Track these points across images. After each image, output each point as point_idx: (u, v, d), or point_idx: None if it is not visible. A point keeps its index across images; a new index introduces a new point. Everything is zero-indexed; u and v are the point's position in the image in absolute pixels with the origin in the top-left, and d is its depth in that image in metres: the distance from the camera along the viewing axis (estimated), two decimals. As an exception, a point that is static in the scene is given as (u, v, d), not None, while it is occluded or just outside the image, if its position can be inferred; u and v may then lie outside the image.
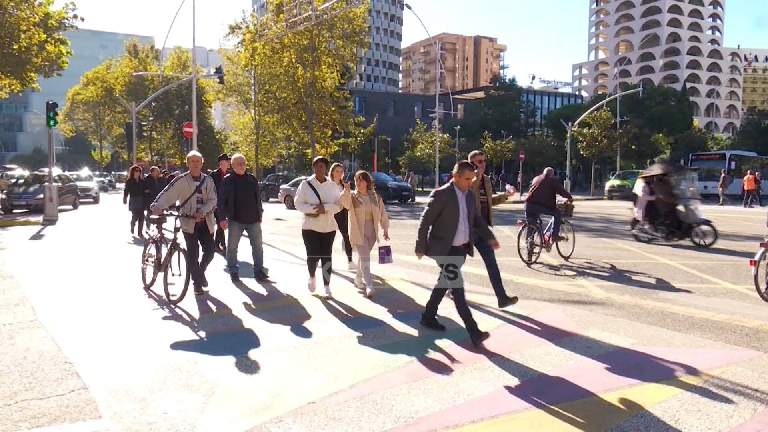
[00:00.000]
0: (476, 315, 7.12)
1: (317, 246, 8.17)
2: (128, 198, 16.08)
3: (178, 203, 8.06)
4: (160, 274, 8.02)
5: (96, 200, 32.61)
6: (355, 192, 8.29)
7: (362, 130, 50.12)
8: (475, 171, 6.46)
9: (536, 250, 11.31)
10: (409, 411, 4.30)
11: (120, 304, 7.77)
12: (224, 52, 46.99)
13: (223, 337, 6.24)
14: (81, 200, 29.66)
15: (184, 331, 6.42)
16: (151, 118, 53.11)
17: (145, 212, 15.11)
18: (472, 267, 9.26)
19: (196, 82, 30.66)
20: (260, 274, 9.41)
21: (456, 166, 6.13)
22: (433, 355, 5.60)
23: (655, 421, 4.12)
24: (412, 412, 4.28)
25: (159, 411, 4.27)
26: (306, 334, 6.31)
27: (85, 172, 38.11)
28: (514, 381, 4.93)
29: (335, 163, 9.32)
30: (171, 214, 8.01)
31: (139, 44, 62.23)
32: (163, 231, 8.20)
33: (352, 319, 6.95)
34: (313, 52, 36.41)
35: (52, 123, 21.47)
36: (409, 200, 33.42)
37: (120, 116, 60.23)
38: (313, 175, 8.18)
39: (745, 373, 5.12)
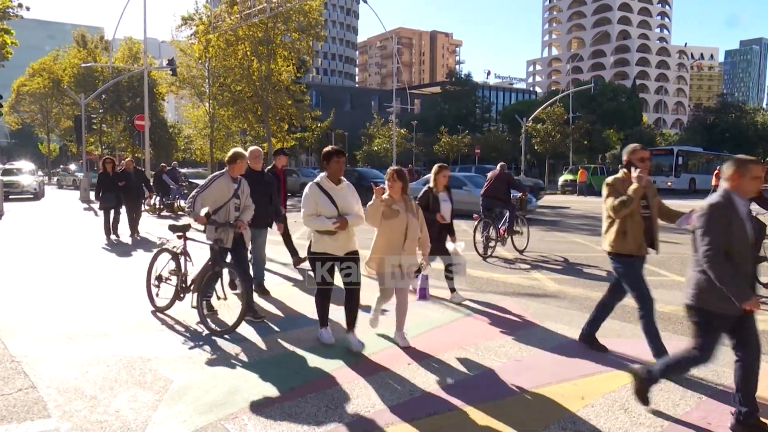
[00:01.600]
0: (434, 308, 7.19)
1: (331, 274, 5.56)
2: (101, 194, 13.87)
3: (207, 210, 6.36)
4: (176, 296, 6.83)
5: (36, 197, 30.12)
6: (386, 197, 5.64)
7: (319, 125, 49.78)
8: (638, 172, 4.96)
9: (492, 243, 11.47)
10: (366, 405, 4.31)
11: (70, 301, 7.57)
12: (177, 43, 46.06)
13: (178, 334, 6.14)
14: (18, 196, 28.49)
15: (137, 329, 6.30)
16: (101, 111, 51.62)
17: (123, 209, 14.08)
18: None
19: (148, 74, 30.02)
20: (260, 288, 7.98)
21: (733, 163, 3.92)
22: (390, 350, 5.62)
23: (606, 410, 4.23)
24: (369, 406, 4.29)
25: (111, 409, 4.19)
26: (263, 330, 6.26)
27: (27, 165, 35.36)
28: (469, 374, 4.99)
29: (439, 164, 7.99)
30: (216, 223, 6.38)
31: (88, 35, 60.30)
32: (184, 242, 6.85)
33: (309, 314, 6.91)
34: (269, 45, 36.01)
35: (-4, 115, 20.76)
36: None
37: (68, 108, 58.42)
38: (324, 174, 5.59)
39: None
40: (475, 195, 14.27)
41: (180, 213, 20.52)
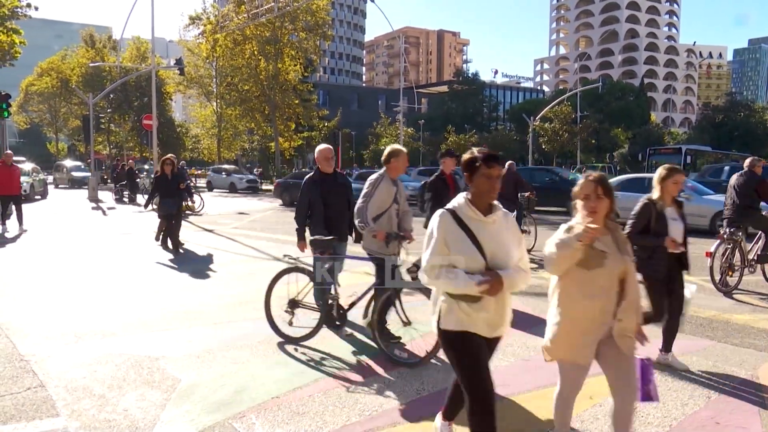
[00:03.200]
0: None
1: (478, 361, 3.13)
2: (155, 199, 12.28)
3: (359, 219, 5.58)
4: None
5: (28, 198, 29.67)
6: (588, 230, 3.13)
7: (326, 124, 49.88)
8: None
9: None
10: (373, 404, 4.31)
11: (78, 300, 7.59)
12: (185, 43, 46.28)
13: (186, 333, 6.15)
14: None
15: (145, 328, 6.31)
16: (109, 111, 51.86)
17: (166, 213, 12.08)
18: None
19: (156, 74, 30.09)
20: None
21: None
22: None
23: (614, 410, 4.21)
24: (377, 406, 4.29)
25: (119, 408, 4.20)
26: (270, 329, 6.26)
27: (27, 165, 34.45)
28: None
29: (668, 166, 5.13)
30: (400, 236, 5.60)
31: (96, 34, 60.59)
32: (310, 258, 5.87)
33: (316, 314, 6.90)
34: (276, 45, 36.13)
35: (5, 115, 20.91)
36: None
37: (77, 108, 58.67)
38: (464, 196, 3.19)
39: (700, 362, 5.27)
40: None
41: (188, 212, 20.55)
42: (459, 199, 3.17)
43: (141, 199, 27.19)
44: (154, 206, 12.62)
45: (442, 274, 3.04)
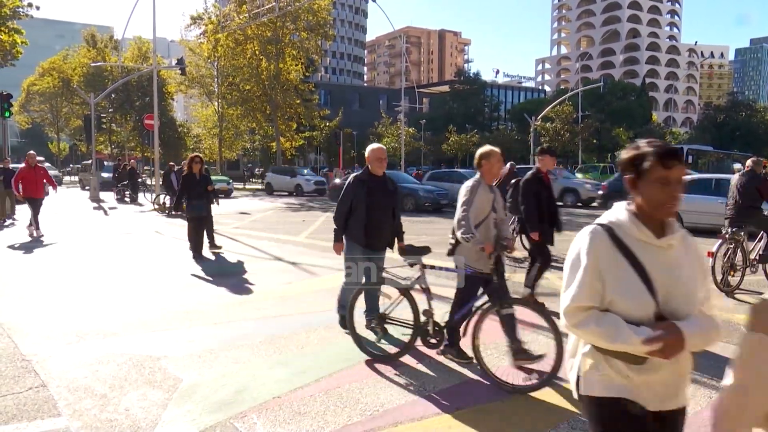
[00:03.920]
0: (442, 307, 7.17)
1: None
2: (183, 201, 11.10)
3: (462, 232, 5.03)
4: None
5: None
6: None
7: (328, 124, 49.88)
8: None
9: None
10: (374, 404, 4.31)
11: (80, 300, 7.60)
12: (186, 43, 46.29)
13: (187, 333, 6.16)
14: None
15: (147, 328, 6.31)
16: (110, 110, 51.85)
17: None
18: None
19: (158, 74, 30.12)
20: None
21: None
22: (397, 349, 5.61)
23: (616, 410, 4.20)
24: (378, 405, 4.29)
25: (120, 408, 4.20)
26: (271, 329, 6.27)
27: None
28: (479, 373, 4.97)
29: None
30: (504, 247, 5.10)
31: (98, 34, 60.60)
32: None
33: (317, 314, 6.92)
34: (277, 44, 36.15)
35: (7, 114, 20.95)
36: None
37: (78, 108, 58.69)
38: (625, 211, 2.19)
39: (701, 362, 5.24)
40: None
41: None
42: (619, 212, 2.19)
43: (142, 199, 27.25)
44: (168, 209, 11.85)
45: (590, 322, 2.11)
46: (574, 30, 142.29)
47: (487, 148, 5.30)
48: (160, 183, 24.35)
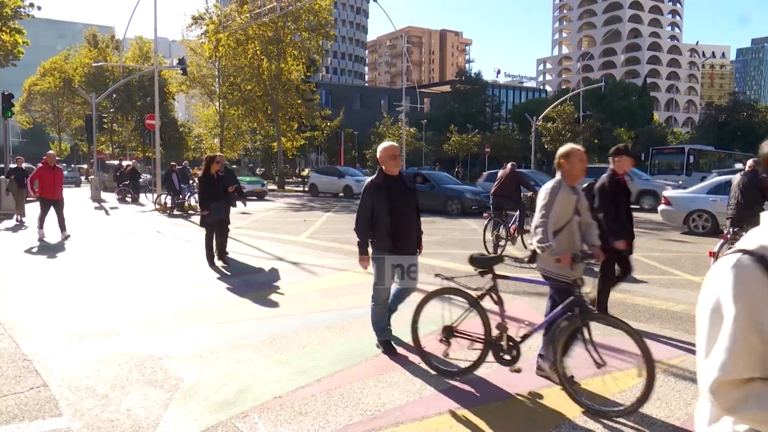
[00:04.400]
0: (444, 306, 7.16)
1: None
2: (204, 203, 10.24)
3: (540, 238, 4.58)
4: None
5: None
6: None
7: (329, 124, 49.89)
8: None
9: (502, 242, 11.46)
10: (375, 404, 4.31)
11: (81, 300, 7.60)
12: (187, 43, 46.39)
13: (188, 333, 6.16)
14: None
15: (148, 328, 6.32)
16: (112, 110, 51.91)
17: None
18: (441, 261, 9.24)
19: (159, 74, 30.14)
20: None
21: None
22: (399, 349, 5.61)
23: (617, 410, 4.19)
24: (379, 405, 4.29)
25: (122, 408, 4.20)
26: (272, 329, 6.27)
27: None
28: (480, 372, 4.97)
29: None
30: (588, 255, 4.74)
31: (99, 34, 60.64)
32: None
33: (318, 313, 6.92)
34: (279, 44, 36.17)
35: (9, 114, 20.95)
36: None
37: (80, 108, 58.77)
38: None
39: (703, 361, 5.25)
40: None
41: (191, 212, 20.56)
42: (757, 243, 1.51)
43: (144, 198, 27.28)
44: (169, 209, 11.23)
45: (753, 404, 1.42)
46: (576, 30, 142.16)
47: (568, 146, 4.82)
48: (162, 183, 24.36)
